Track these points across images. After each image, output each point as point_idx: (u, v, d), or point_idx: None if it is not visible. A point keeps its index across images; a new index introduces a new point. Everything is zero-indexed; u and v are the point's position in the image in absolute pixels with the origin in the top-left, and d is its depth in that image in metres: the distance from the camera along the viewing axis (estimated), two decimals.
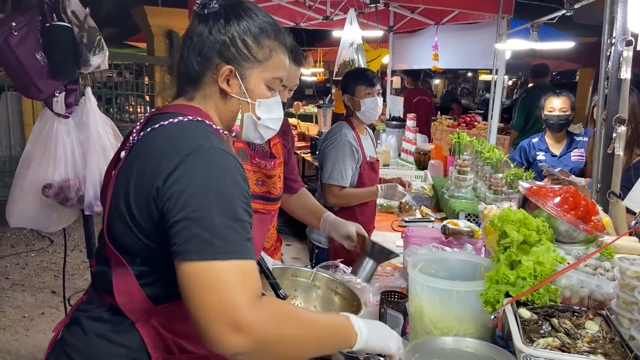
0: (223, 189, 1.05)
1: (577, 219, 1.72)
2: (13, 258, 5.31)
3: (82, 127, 2.67)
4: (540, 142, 3.76)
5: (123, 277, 1.15)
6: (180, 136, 1.12)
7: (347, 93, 2.99)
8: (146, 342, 1.16)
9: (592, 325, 1.33)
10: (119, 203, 1.14)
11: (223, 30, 1.22)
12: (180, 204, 1.03)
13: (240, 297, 0.99)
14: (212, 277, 0.99)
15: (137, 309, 1.16)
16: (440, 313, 1.56)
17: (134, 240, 1.13)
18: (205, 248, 1.00)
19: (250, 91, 1.27)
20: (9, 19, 2.36)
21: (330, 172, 2.87)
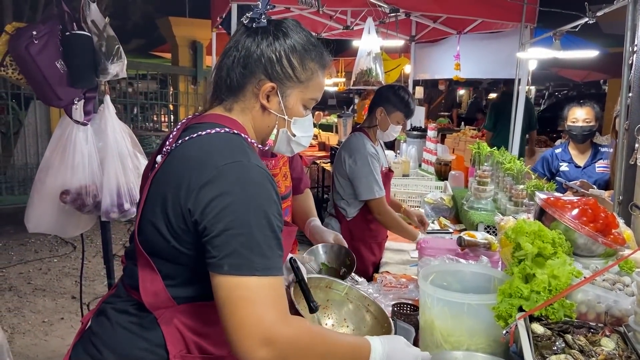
0: (262, 205, 1.10)
1: (595, 232, 1.66)
2: (36, 263, 5.40)
3: (100, 134, 2.70)
4: (563, 152, 3.67)
5: (150, 277, 1.19)
6: (218, 149, 1.16)
7: (384, 107, 2.93)
8: (166, 339, 1.20)
9: (608, 343, 1.27)
10: (154, 208, 1.17)
11: (271, 47, 1.26)
12: (221, 218, 1.07)
13: (272, 313, 1.05)
14: (248, 292, 1.05)
15: (160, 306, 1.20)
16: (451, 326, 1.51)
17: (166, 245, 1.17)
18: (244, 263, 1.06)
19: (289, 109, 1.31)
20: (30, 27, 2.42)
21: (371, 186, 2.85)
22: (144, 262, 1.20)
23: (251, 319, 1.04)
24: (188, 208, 1.11)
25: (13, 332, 3.94)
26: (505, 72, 5.10)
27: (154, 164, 1.31)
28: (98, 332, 1.27)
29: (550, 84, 19.61)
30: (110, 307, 1.28)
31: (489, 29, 5.45)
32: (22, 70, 2.46)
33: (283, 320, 1.07)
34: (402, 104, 2.93)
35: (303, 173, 2.34)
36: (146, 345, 1.21)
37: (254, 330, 1.03)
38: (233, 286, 1.05)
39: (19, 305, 4.41)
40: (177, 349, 1.21)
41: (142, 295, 1.19)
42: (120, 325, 1.24)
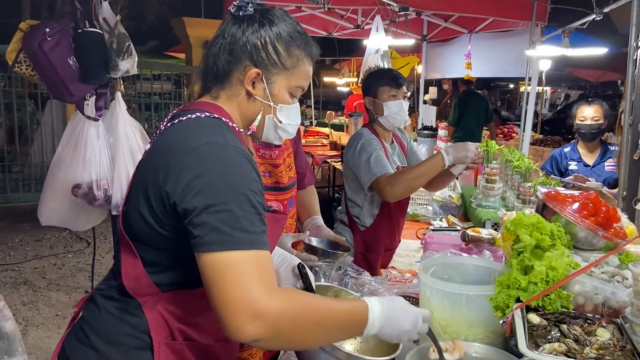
0: (239, 182, 1.10)
1: (596, 225, 1.66)
2: (51, 259, 5.49)
3: (111, 130, 2.76)
4: (572, 151, 3.65)
5: (131, 262, 1.20)
6: (196, 131, 1.17)
7: (369, 95, 2.64)
8: (150, 325, 1.21)
9: (603, 333, 1.28)
10: (138, 193, 1.19)
11: (257, 34, 1.27)
12: (199, 198, 1.07)
13: (259, 287, 1.03)
14: (232, 267, 1.04)
15: (143, 292, 1.21)
16: (450, 317, 1.53)
17: (148, 229, 1.17)
18: (226, 239, 1.05)
19: (274, 96, 1.32)
20: (43, 25, 2.48)
21: (368, 166, 2.44)
22: (126, 247, 1.22)
23: (237, 294, 1.02)
24: (166, 191, 1.11)
25: (27, 325, 4.02)
26: (515, 71, 5.08)
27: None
28: (87, 318, 1.28)
29: (566, 85, 19.45)
30: (99, 293, 1.30)
31: (500, 27, 5.44)
32: (35, 66, 2.52)
33: (270, 292, 1.05)
34: (379, 78, 2.64)
35: (307, 169, 2.28)
36: (131, 331, 1.21)
37: (241, 305, 1.02)
38: (216, 263, 1.05)
39: (33, 299, 4.50)
40: (161, 335, 1.21)
41: (124, 279, 1.20)
42: (106, 310, 1.25)
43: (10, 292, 4.62)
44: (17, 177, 7.40)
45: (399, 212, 2.78)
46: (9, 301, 4.34)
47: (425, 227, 3.57)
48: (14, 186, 7.37)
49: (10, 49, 2.53)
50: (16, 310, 4.22)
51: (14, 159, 7.67)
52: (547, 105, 19.55)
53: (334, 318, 1.17)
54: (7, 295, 4.51)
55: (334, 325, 1.17)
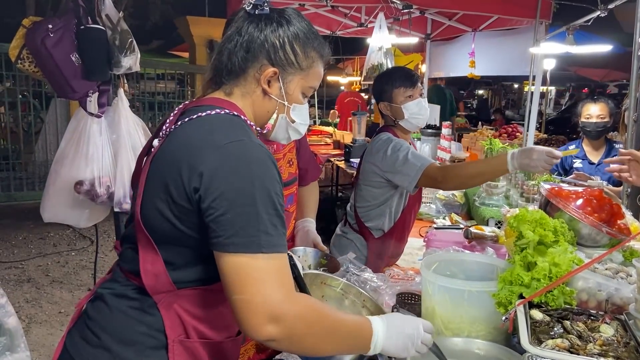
0: (265, 183, 1.10)
1: (600, 222, 1.65)
2: (55, 256, 5.51)
3: (114, 127, 2.76)
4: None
5: (150, 259, 1.19)
6: (219, 129, 1.17)
7: (384, 100, 2.47)
8: (165, 323, 1.20)
9: (607, 329, 1.27)
10: (156, 191, 1.17)
11: (275, 33, 1.27)
12: (226, 197, 1.07)
13: (279, 290, 1.07)
14: (256, 270, 1.06)
15: (161, 290, 1.20)
16: (452, 314, 1.52)
17: (168, 227, 1.17)
18: (251, 241, 1.07)
19: (289, 95, 1.33)
20: (46, 21, 2.48)
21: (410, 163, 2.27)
22: (145, 244, 1.20)
23: (259, 296, 1.05)
24: (193, 187, 1.10)
25: (30, 322, 4.04)
26: (519, 70, 5.06)
27: (149, 149, 1.32)
28: (95, 317, 1.26)
29: (571, 85, 19.40)
30: (108, 292, 1.27)
31: (504, 25, 5.41)
32: (38, 63, 2.52)
33: (290, 297, 1.08)
34: (391, 79, 2.45)
35: (311, 163, 2.21)
36: (145, 330, 1.21)
37: (262, 307, 1.05)
38: (241, 265, 1.06)
39: (36, 297, 4.51)
40: (176, 333, 1.21)
41: (143, 277, 1.19)
42: (119, 309, 1.23)
43: (14, 289, 4.63)
44: (21, 176, 7.42)
45: (414, 217, 2.74)
46: (13, 298, 4.35)
47: (429, 225, 3.56)
48: (18, 184, 7.40)
49: (13, 45, 2.53)
50: (19, 308, 4.23)
51: (18, 157, 7.69)
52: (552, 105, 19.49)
53: (344, 327, 1.19)
54: (11, 292, 4.52)
55: (343, 334, 1.19)
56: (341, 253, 2.53)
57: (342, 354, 1.28)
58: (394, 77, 2.46)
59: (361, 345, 1.23)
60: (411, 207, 2.65)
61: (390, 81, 2.46)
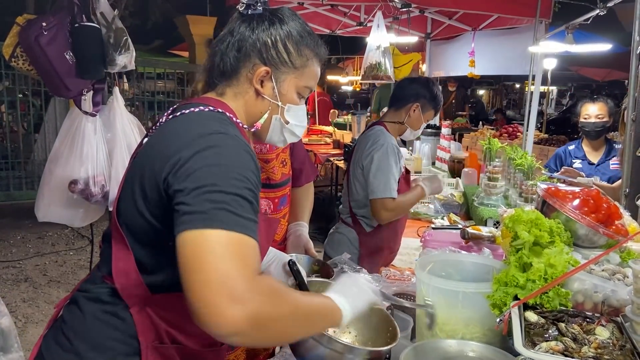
0: (234, 168, 1.05)
1: (597, 222, 1.63)
2: (52, 256, 5.50)
3: (109, 125, 2.74)
4: (577, 149, 3.62)
5: (122, 256, 1.16)
6: (198, 122, 1.15)
7: (419, 103, 2.60)
8: (137, 328, 1.17)
9: (602, 332, 1.25)
10: (133, 185, 1.15)
11: (267, 32, 1.25)
12: (192, 178, 1.02)
13: (242, 268, 0.95)
14: (216, 245, 0.95)
15: (133, 293, 1.16)
16: (446, 315, 1.50)
17: (142, 222, 1.14)
18: (213, 217, 0.97)
19: (282, 95, 1.29)
20: (40, 19, 2.46)
21: (385, 184, 2.48)
22: (118, 241, 1.17)
23: (219, 274, 0.93)
24: (163, 176, 1.07)
25: (27, 322, 4.02)
26: (520, 69, 5.03)
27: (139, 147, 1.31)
28: (69, 321, 1.22)
29: (572, 85, 19.37)
30: (82, 295, 1.23)
31: (504, 25, 5.39)
32: (32, 61, 2.50)
33: (253, 276, 0.96)
34: (436, 101, 2.64)
35: (305, 164, 2.18)
36: (118, 335, 1.17)
37: (222, 287, 0.92)
38: (199, 240, 0.95)
39: (33, 296, 4.50)
40: (149, 339, 1.17)
41: (114, 275, 1.15)
42: (91, 314, 1.19)
43: (11, 289, 4.62)
44: (20, 175, 7.42)
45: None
46: (10, 298, 4.34)
47: (427, 225, 3.54)
48: (17, 183, 7.40)
49: (7, 43, 2.51)
50: (16, 307, 4.22)
51: (17, 156, 7.68)
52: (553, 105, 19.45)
53: (309, 304, 1.13)
54: (8, 292, 4.51)
55: (309, 311, 1.11)
56: (334, 249, 2.64)
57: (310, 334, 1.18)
58: (439, 101, 2.67)
59: (331, 315, 1.16)
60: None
61: (436, 100, 2.64)
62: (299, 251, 1.97)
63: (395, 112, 2.67)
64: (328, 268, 1.92)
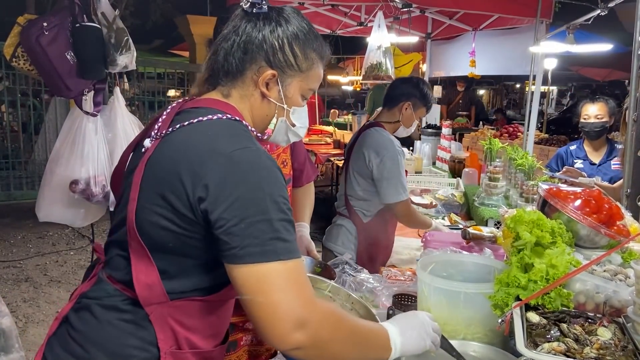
0: (275, 191, 1.08)
1: (599, 223, 1.62)
2: (53, 256, 5.50)
3: (110, 125, 2.74)
4: (578, 149, 3.61)
5: (144, 270, 1.14)
6: (222, 135, 1.13)
7: (411, 102, 2.71)
8: (157, 336, 1.16)
9: (604, 332, 1.25)
10: (154, 197, 1.12)
11: (274, 34, 1.23)
12: (237, 206, 1.04)
13: (302, 295, 1.05)
14: (277, 278, 1.04)
15: (154, 302, 1.15)
16: (447, 316, 1.50)
17: (168, 235, 1.12)
18: (268, 250, 1.04)
19: (288, 98, 1.28)
20: (40, 19, 2.46)
21: (398, 187, 2.62)
22: (138, 253, 1.14)
23: (283, 304, 1.03)
24: (198, 197, 1.06)
25: (27, 322, 4.02)
26: (520, 69, 5.03)
27: (136, 146, 1.27)
28: (82, 330, 1.19)
29: (572, 85, 19.35)
30: (95, 302, 1.20)
31: (504, 25, 5.39)
32: (33, 61, 2.50)
33: (312, 302, 1.06)
34: (426, 99, 2.76)
35: (306, 164, 2.19)
36: (138, 343, 1.16)
37: (287, 315, 1.03)
38: (261, 275, 1.04)
39: (34, 296, 4.50)
40: (167, 345, 1.17)
41: (136, 288, 1.13)
42: (108, 322, 1.17)
43: (12, 288, 4.62)
44: (21, 175, 7.42)
45: None
46: (10, 298, 4.34)
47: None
48: (17, 183, 7.40)
49: (7, 43, 2.51)
50: (17, 307, 4.22)
51: (17, 156, 7.69)
52: (554, 105, 19.44)
53: (364, 331, 1.19)
54: (9, 292, 4.51)
55: (364, 338, 1.18)
56: (333, 241, 2.81)
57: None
58: (429, 99, 2.79)
59: (382, 349, 1.20)
60: None
61: (426, 98, 2.75)
62: (301, 253, 1.97)
63: (389, 112, 2.79)
64: (330, 270, 1.93)
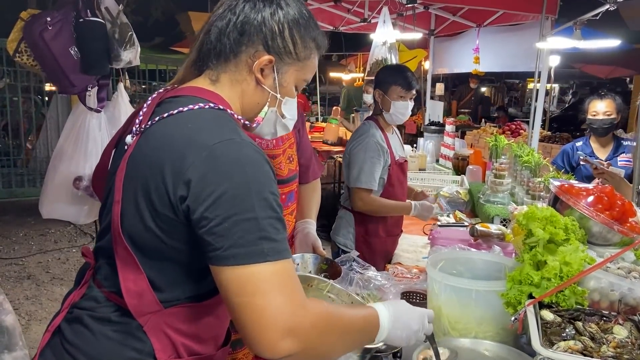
0: (262, 186, 1.00)
1: (611, 220, 1.60)
2: (55, 253, 5.48)
3: (114, 121, 2.72)
4: (584, 146, 3.59)
5: (132, 277, 1.08)
6: (206, 126, 1.05)
7: (380, 89, 2.77)
8: (154, 347, 1.10)
9: (620, 330, 1.23)
10: (136, 197, 1.05)
11: (274, 17, 1.14)
12: (220, 204, 0.97)
13: (291, 301, 0.98)
14: (263, 281, 0.97)
15: (146, 311, 1.09)
16: (459, 313, 1.48)
17: (152, 238, 1.05)
18: (254, 251, 0.97)
19: (283, 87, 1.20)
20: (44, 14, 2.44)
21: (358, 175, 2.71)
22: (125, 260, 1.07)
23: (270, 310, 0.95)
24: (179, 195, 0.99)
25: (30, 319, 4.01)
26: (524, 66, 5.00)
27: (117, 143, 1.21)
28: (75, 343, 1.13)
29: (574, 82, 19.30)
30: (87, 314, 1.13)
31: (509, 21, 5.36)
32: (36, 56, 2.48)
33: (302, 306, 0.99)
34: (394, 76, 2.75)
35: (312, 160, 2.14)
36: (135, 355, 1.10)
37: (275, 322, 0.95)
38: (245, 277, 0.96)
39: (36, 294, 4.48)
40: (166, 355, 1.11)
41: (125, 298, 1.07)
42: (103, 335, 1.11)
43: (14, 286, 4.60)
44: (22, 172, 7.39)
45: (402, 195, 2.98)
46: (12, 295, 4.33)
47: (432, 222, 3.51)
48: (19, 180, 7.37)
49: (11, 38, 2.49)
50: (19, 305, 4.21)
51: (19, 153, 7.66)
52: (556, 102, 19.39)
53: (353, 326, 1.14)
54: (11, 289, 4.50)
55: (353, 333, 1.14)
56: (336, 233, 2.93)
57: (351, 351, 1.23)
58: (396, 75, 2.78)
59: (369, 338, 1.18)
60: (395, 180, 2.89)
61: (392, 76, 2.77)
62: (307, 250, 1.94)
63: (375, 106, 2.92)
64: (336, 266, 1.90)
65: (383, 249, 2.92)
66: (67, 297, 1.22)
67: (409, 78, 2.76)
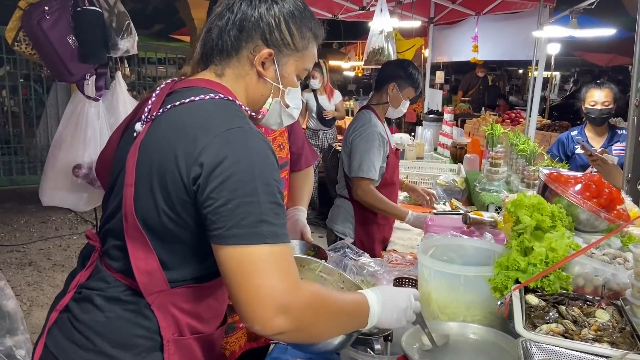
0: (266, 172, 1.06)
1: (599, 207, 1.63)
2: (56, 240, 5.53)
3: (112, 110, 2.75)
4: (579, 134, 3.60)
5: (143, 257, 1.13)
6: (216, 115, 1.11)
7: (396, 82, 2.81)
8: (160, 325, 1.16)
9: (602, 314, 1.26)
10: (150, 181, 1.10)
11: (270, 12, 1.21)
12: (227, 186, 1.03)
13: (285, 281, 1.03)
14: (261, 261, 1.03)
15: (154, 290, 1.15)
16: (448, 298, 1.52)
17: (164, 220, 1.11)
18: (254, 232, 1.03)
19: (284, 78, 1.26)
20: (42, 3, 2.45)
21: (359, 164, 2.73)
22: (136, 240, 1.12)
23: (265, 288, 1.01)
24: (192, 177, 1.05)
25: (32, 305, 4.06)
26: (523, 54, 5.00)
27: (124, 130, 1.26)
28: (85, 320, 1.18)
29: (575, 70, 19.22)
30: (96, 294, 1.19)
31: (508, 9, 5.34)
32: (34, 45, 2.50)
33: (296, 286, 1.05)
34: (412, 79, 2.85)
35: (304, 148, 2.16)
36: (143, 332, 1.16)
37: (269, 299, 1.01)
38: (244, 256, 1.02)
39: (38, 280, 4.54)
40: (170, 332, 1.17)
41: (136, 276, 1.12)
42: (114, 313, 1.17)
43: (15, 272, 4.66)
44: (23, 160, 7.43)
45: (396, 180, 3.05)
46: (14, 282, 4.38)
47: (428, 210, 3.55)
48: (19, 168, 7.42)
49: (9, 27, 2.51)
50: (21, 291, 4.26)
51: (19, 141, 7.70)
52: (557, 91, 19.33)
53: (346, 309, 1.19)
54: (12, 275, 4.55)
55: (345, 316, 1.19)
56: (333, 221, 2.95)
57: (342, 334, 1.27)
58: (415, 79, 2.88)
59: (360, 323, 1.23)
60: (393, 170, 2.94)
61: (411, 78, 2.85)
62: (295, 236, 1.97)
63: (378, 94, 2.92)
64: (323, 252, 1.94)
65: (381, 236, 2.97)
66: (72, 279, 1.27)
67: (420, 84, 2.95)
